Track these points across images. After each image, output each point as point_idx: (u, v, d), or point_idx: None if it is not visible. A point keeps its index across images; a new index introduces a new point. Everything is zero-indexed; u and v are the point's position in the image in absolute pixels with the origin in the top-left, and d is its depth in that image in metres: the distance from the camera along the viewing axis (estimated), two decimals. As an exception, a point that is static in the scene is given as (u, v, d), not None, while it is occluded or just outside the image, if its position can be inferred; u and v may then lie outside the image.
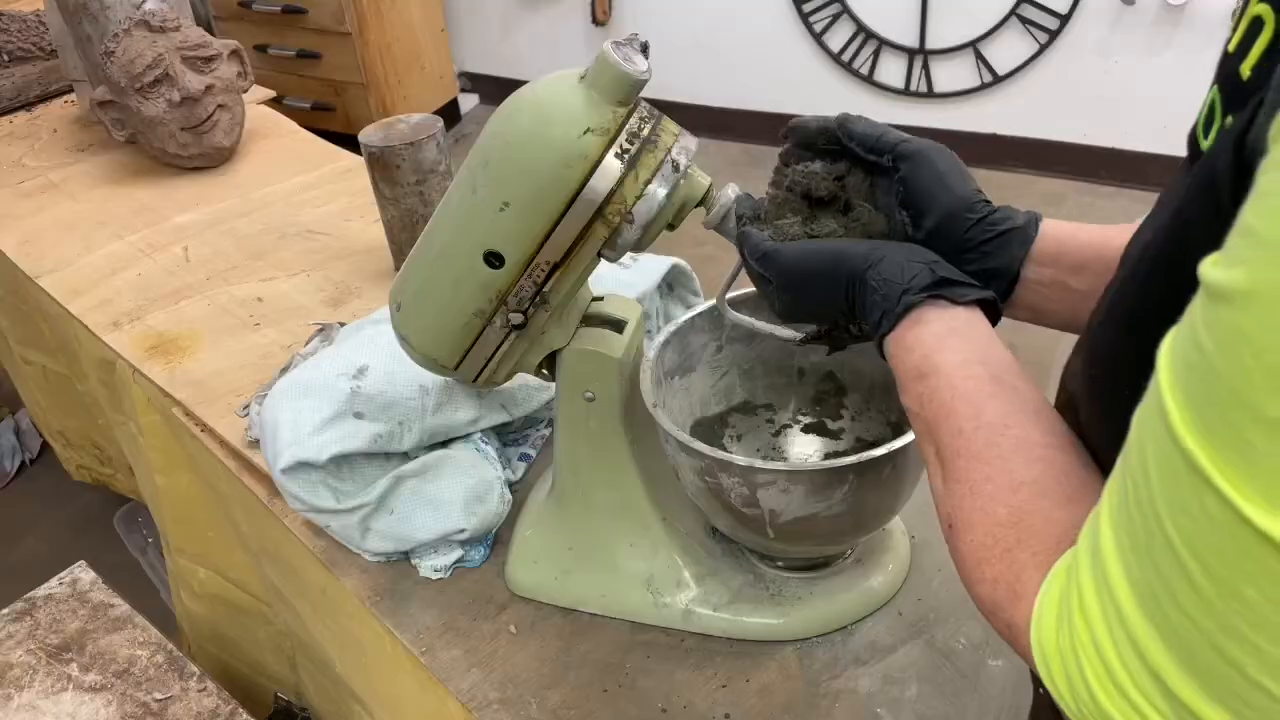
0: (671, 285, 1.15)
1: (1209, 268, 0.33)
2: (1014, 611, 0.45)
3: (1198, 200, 0.40)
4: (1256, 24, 0.42)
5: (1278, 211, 0.31)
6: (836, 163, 0.69)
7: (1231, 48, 0.45)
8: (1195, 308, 0.34)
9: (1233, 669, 0.33)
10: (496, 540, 0.96)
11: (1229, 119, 0.43)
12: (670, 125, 0.71)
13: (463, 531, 0.92)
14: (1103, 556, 0.38)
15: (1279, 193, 0.31)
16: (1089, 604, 0.38)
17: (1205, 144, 0.45)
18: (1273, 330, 0.30)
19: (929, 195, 0.65)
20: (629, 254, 0.77)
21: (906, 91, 3.19)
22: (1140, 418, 0.37)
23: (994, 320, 0.61)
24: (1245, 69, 0.42)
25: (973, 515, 0.50)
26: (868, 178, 0.69)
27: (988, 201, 0.67)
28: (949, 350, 0.56)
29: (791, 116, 0.72)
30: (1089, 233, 0.66)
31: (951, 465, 0.53)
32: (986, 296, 0.60)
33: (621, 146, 0.69)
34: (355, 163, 1.66)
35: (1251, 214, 0.32)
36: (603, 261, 0.75)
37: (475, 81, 4.00)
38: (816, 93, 3.30)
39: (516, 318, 0.76)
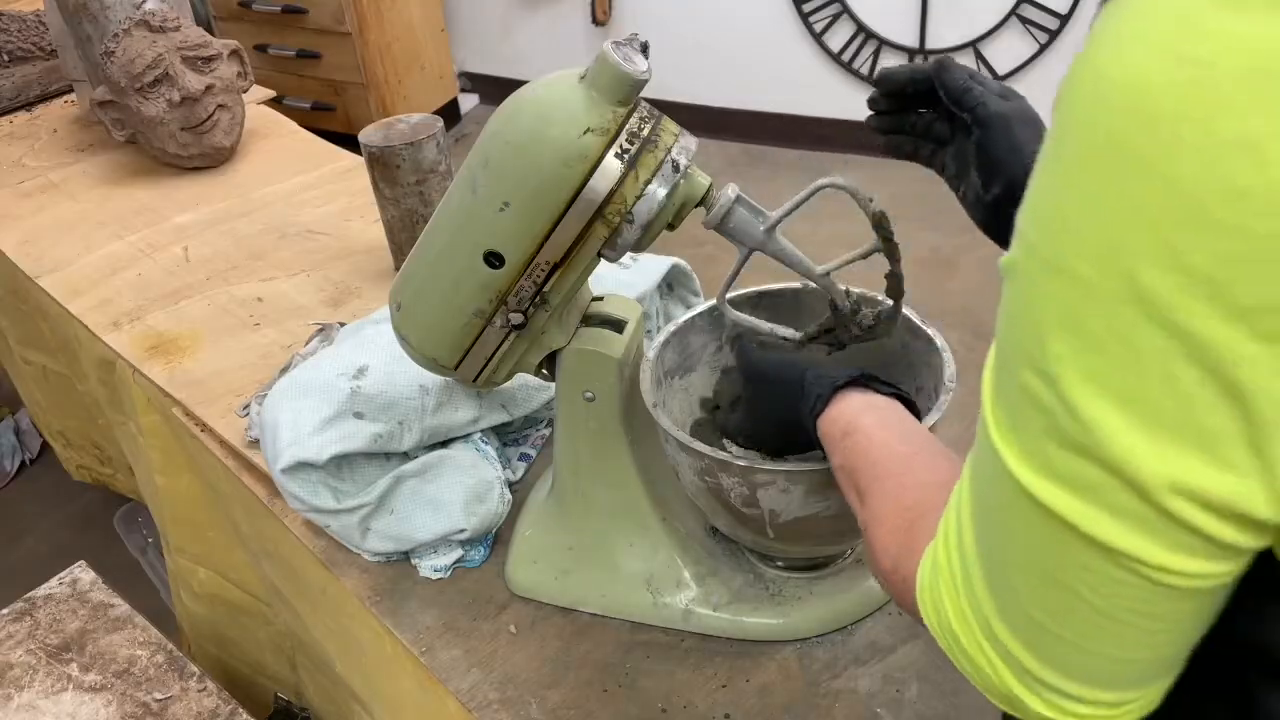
0: (671, 285, 1.15)
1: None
2: (908, 566, 0.51)
3: None
4: None
5: (1032, 193, 0.37)
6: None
7: None
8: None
9: (1013, 595, 0.41)
10: (496, 540, 0.96)
11: None
12: (670, 125, 0.71)
13: (463, 531, 0.92)
14: (960, 503, 0.45)
15: (1035, 176, 0.37)
16: (950, 541, 0.45)
17: None
18: (1019, 300, 0.37)
19: (998, 164, 0.69)
20: (629, 254, 0.77)
21: (906, 91, 3.19)
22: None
23: (916, 416, 0.68)
24: None
25: (882, 510, 0.56)
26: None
27: None
28: (868, 417, 0.64)
29: (791, 116, 0.72)
30: None
31: (868, 490, 0.59)
32: (905, 395, 0.68)
33: (621, 146, 0.69)
34: (355, 163, 1.66)
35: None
36: (603, 261, 0.75)
37: (475, 81, 4.00)
38: (816, 93, 3.30)
39: (516, 318, 0.76)
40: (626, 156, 0.69)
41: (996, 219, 0.70)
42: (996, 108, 0.69)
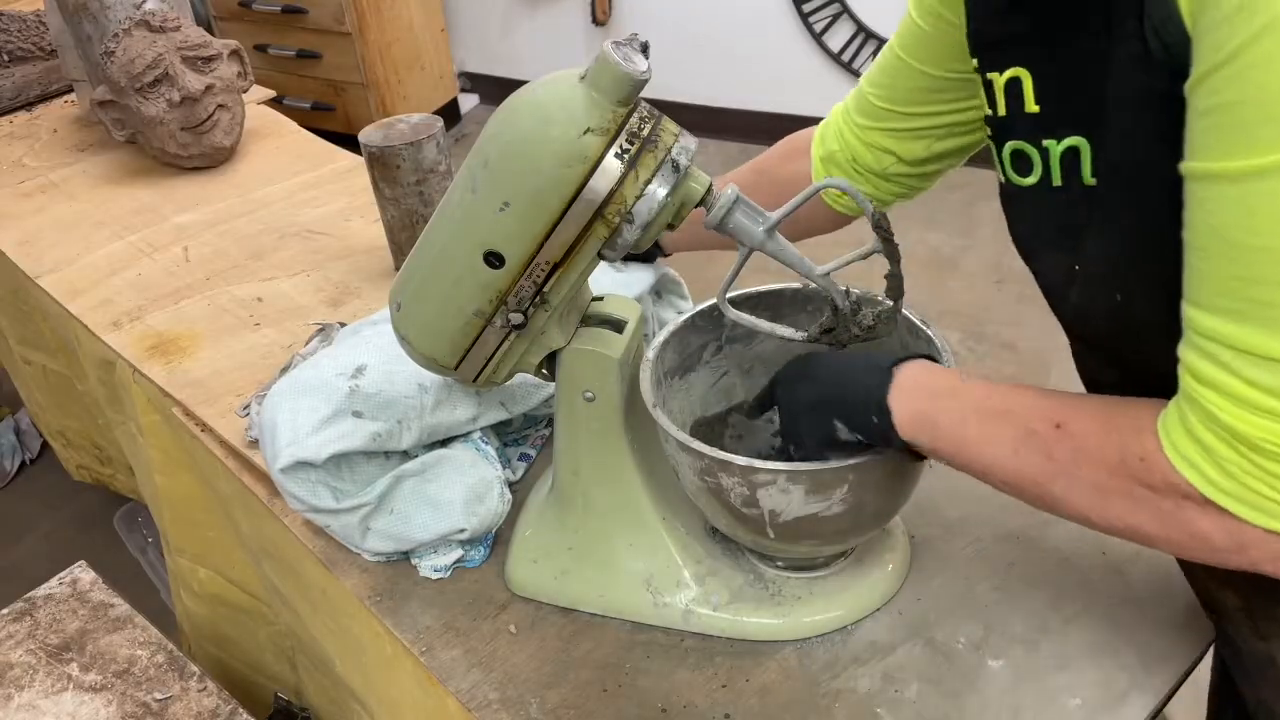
0: (660, 292, 1.15)
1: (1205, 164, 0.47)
2: (1141, 443, 0.55)
3: (1146, 140, 0.53)
4: (1015, 83, 0.62)
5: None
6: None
7: (1002, 111, 0.65)
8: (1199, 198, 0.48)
9: None
10: (496, 540, 0.96)
11: (1057, 142, 0.60)
12: (670, 125, 0.71)
13: (463, 531, 0.92)
14: (1204, 331, 0.50)
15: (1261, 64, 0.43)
16: (1214, 377, 0.50)
17: (1027, 180, 0.64)
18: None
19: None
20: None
21: (906, 91, 3.19)
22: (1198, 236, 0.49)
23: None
24: (1030, 106, 0.62)
25: (1085, 427, 0.59)
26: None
27: None
28: (939, 379, 0.69)
29: (791, 116, 0.74)
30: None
31: (1045, 422, 0.61)
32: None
33: (621, 146, 0.69)
34: (355, 163, 1.66)
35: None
36: (600, 263, 0.75)
37: (475, 81, 4.00)
38: (816, 93, 3.30)
39: (516, 318, 0.76)
40: (626, 156, 0.69)
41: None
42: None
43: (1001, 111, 0.65)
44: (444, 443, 0.97)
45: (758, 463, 0.73)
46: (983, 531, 0.92)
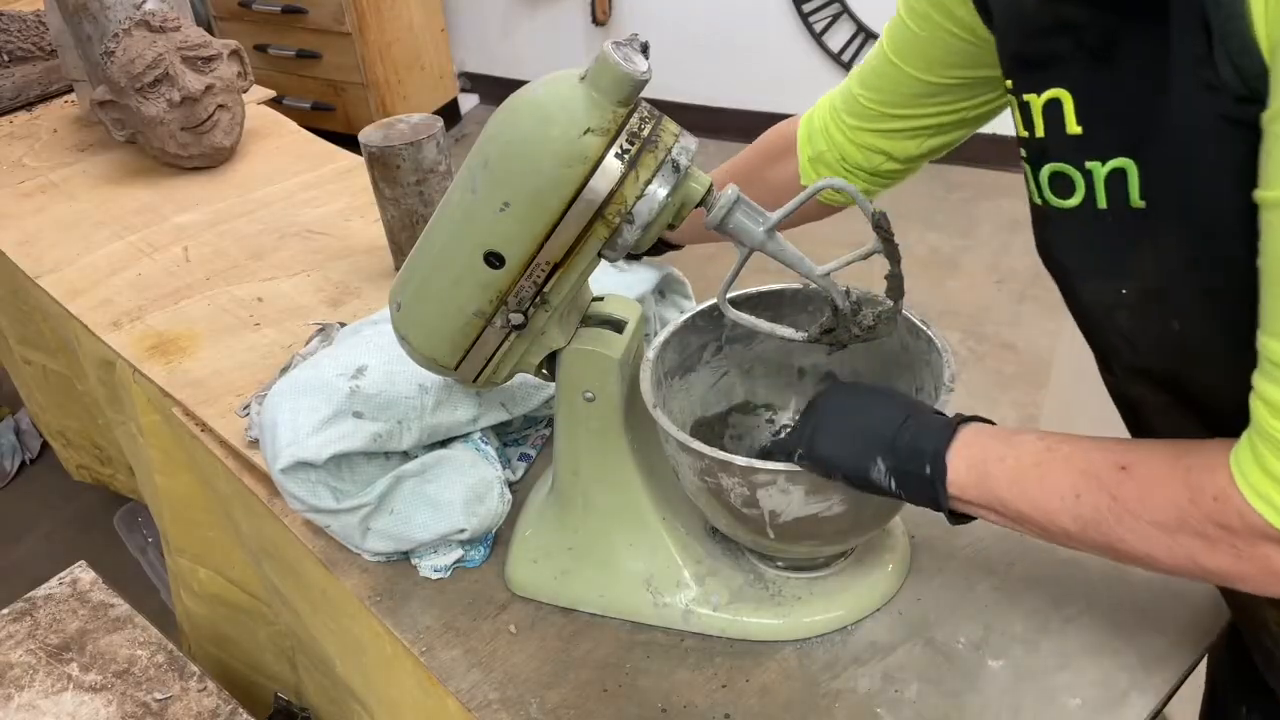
0: (663, 291, 1.15)
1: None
2: (1214, 481, 0.54)
3: (1214, 164, 0.51)
4: (1054, 105, 0.61)
5: None
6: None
7: (1040, 132, 0.63)
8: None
9: None
10: (496, 540, 0.96)
11: (1102, 164, 0.59)
12: (670, 125, 0.71)
13: (463, 531, 0.92)
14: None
15: None
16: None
17: (1068, 202, 0.62)
18: None
19: None
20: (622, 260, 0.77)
21: (906, 91, 3.19)
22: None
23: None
24: (1071, 128, 0.60)
25: (1150, 474, 0.59)
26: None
27: None
28: (994, 446, 0.67)
29: (791, 116, 0.73)
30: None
31: (1107, 477, 0.61)
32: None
33: (622, 147, 0.69)
34: (355, 163, 1.66)
35: None
36: (601, 264, 0.75)
37: (475, 81, 4.00)
38: (816, 93, 3.28)
39: (516, 318, 0.76)
40: (627, 157, 0.69)
41: None
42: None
43: (1040, 133, 0.63)
44: (444, 443, 0.97)
45: (758, 463, 0.73)
46: (983, 531, 0.92)
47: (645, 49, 0.70)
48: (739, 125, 3.46)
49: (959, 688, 0.80)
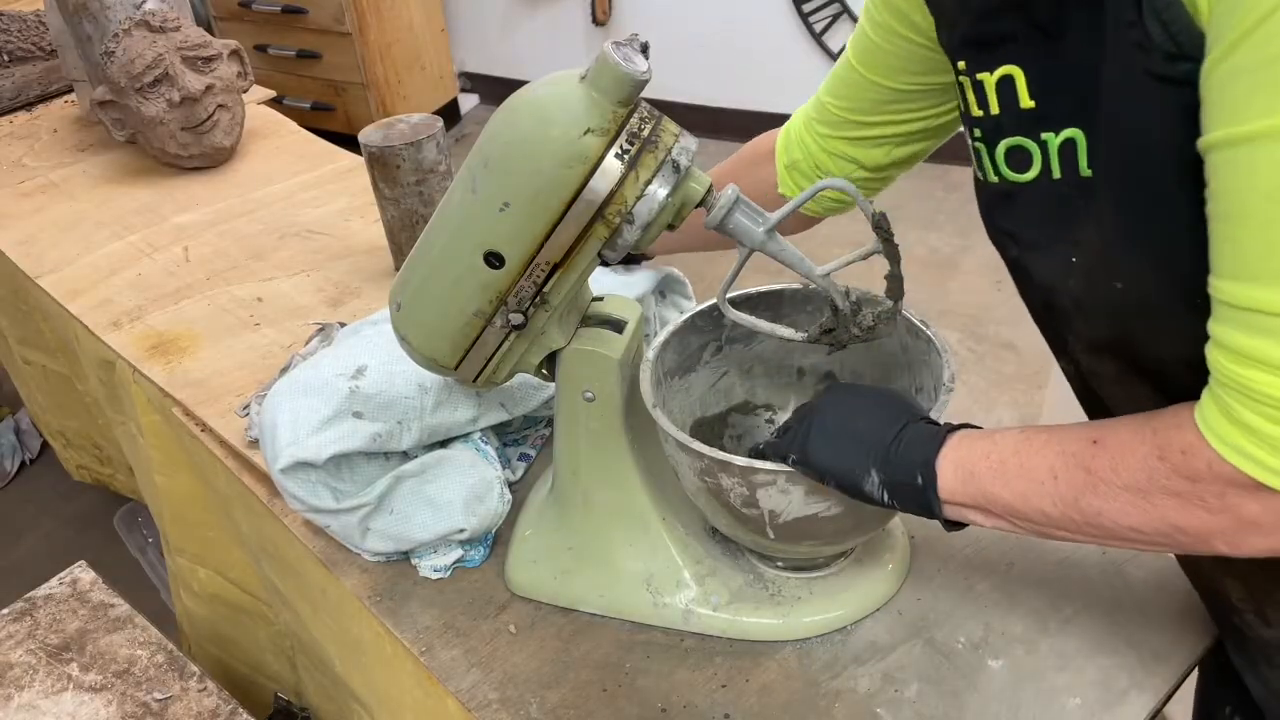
0: (664, 292, 1.15)
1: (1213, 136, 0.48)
2: (1181, 437, 0.55)
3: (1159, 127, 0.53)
4: (1007, 81, 0.63)
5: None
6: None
7: (994, 109, 0.65)
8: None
9: None
10: (496, 540, 0.96)
11: (1055, 135, 0.61)
12: (670, 125, 0.71)
13: (462, 531, 0.92)
14: (1245, 303, 0.49)
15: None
16: (1263, 350, 0.49)
17: (1026, 176, 0.64)
18: None
19: None
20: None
21: (906, 91, 3.19)
22: (1224, 204, 0.49)
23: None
24: (1024, 102, 0.63)
25: (1120, 444, 0.59)
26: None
27: None
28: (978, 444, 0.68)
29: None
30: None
31: (1080, 456, 0.61)
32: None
33: (621, 147, 0.69)
34: (355, 163, 1.66)
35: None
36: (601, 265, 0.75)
37: (475, 81, 4.00)
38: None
39: (516, 318, 0.76)
40: (627, 157, 0.69)
41: None
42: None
43: (994, 110, 0.65)
44: (444, 443, 0.97)
45: (757, 463, 0.73)
46: (982, 531, 0.91)
47: (645, 49, 0.70)
48: (739, 125, 3.46)
49: (959, 688, 0.80)
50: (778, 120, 1.01)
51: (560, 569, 0.89)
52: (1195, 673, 0.85)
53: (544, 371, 0.83)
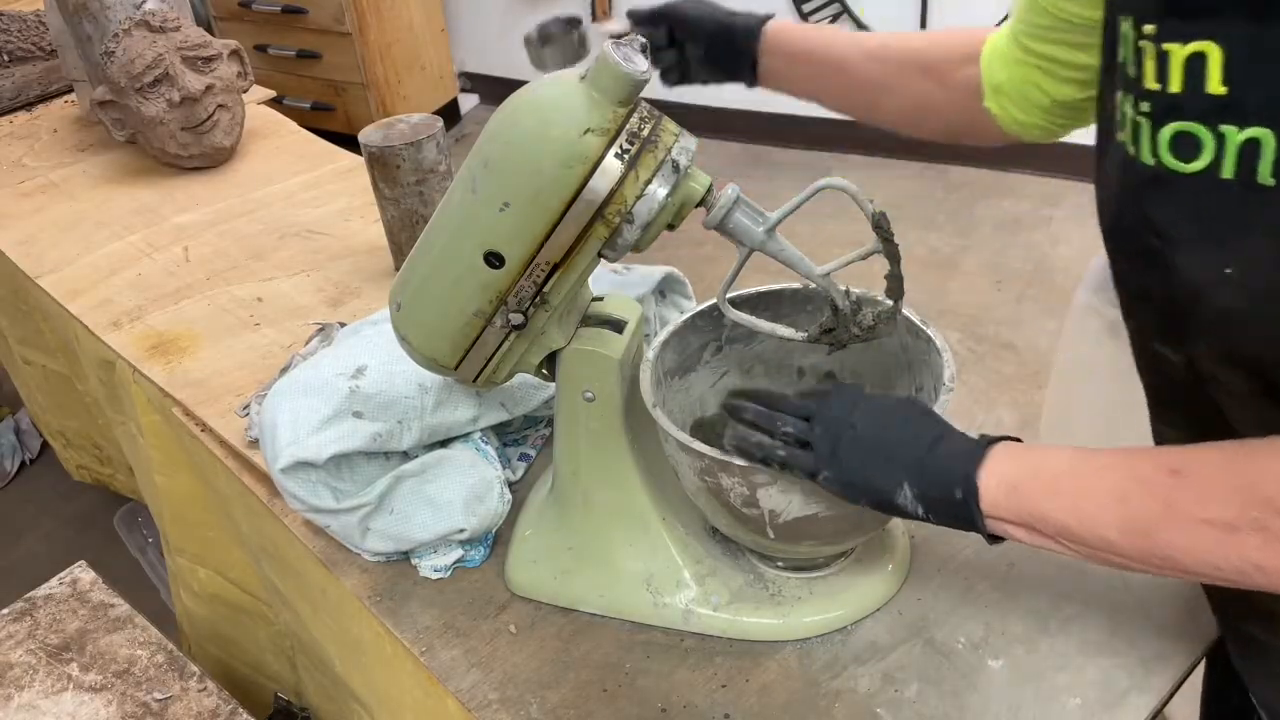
0: (664, 292, 1.15)
1: None
2: (1276, 471, 0.52)
3: None
4: (1197, 59, 0.55)
5: None
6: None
7: (1175, 87, 0.57)
8: None
9: None
10: (496, 540, 0.96)
11: (1239, 130, 0.54)
12: (670, 125, 0.71)
13: (462, 531, 0.92)
14: None
15: None
16: None
17: (1190, 166, 0.56)
18: None
19: (697, 26, 1.02)
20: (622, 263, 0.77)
21: (906, 91, 3.19)
22: None
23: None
24: (1214, 87, 0.55)
25: (1205, 491, 0.57)
26: None
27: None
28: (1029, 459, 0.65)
29: (791, 116, 0.73)
30: (810, 34, 0.96)
31: (1152, 503, 0.59)
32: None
33: (621, 147, 0.69)
34: (355, 163, 1.66)
35: None
36: (601, 265, 0.75)
37: (475, 81, 4.00)
38: (816, 93, 3.30)
39: (516, 318, 0.76)
40: (626, 157, 0.69)
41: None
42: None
43: (1175, 88, 0.57)
44: (444, 443, 0.97)
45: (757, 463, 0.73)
46: (983, 531, 0.92)
47: (645, 49, 0.70)
48: (739, 125, 3.46)
49: (959, 687, 0.80)
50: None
51: (560, 569, 0.89)
52: (1201, 669, 0.85)
53: (544, 371, 0.83)
